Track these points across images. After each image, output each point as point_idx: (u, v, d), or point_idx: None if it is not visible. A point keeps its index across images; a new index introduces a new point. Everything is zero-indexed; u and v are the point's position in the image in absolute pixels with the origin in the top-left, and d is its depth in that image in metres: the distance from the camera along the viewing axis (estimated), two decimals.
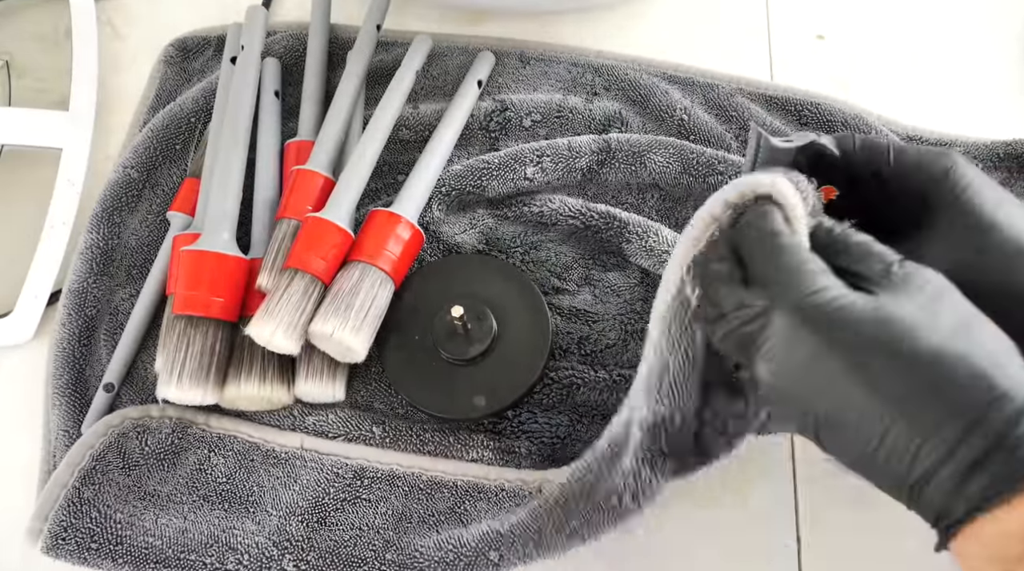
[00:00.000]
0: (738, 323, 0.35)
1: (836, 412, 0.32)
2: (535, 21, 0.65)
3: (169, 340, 0.48)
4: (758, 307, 0.34)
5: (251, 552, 0.45)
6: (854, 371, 0.31)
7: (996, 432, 0.29)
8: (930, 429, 0.30)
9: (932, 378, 0.30)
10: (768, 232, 0.35)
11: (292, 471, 0.48)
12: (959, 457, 0.30)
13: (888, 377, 0.31)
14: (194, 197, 0.55)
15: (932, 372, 0.31)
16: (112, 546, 0.46)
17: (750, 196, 0.35)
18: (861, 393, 0.31)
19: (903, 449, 0.31)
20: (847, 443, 0.32)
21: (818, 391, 0.32)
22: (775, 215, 0.35)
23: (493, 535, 0.44)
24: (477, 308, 0.49)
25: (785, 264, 0.34)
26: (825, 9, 0.64)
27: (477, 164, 0.55)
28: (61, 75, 0.62)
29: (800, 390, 0.33)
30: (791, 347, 0.33)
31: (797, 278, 0.33)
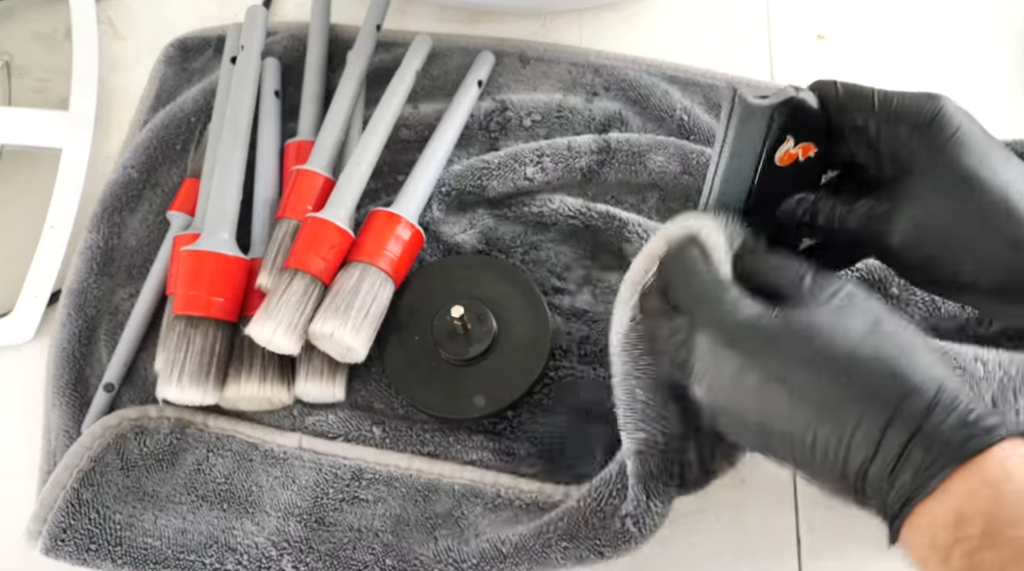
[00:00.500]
0: (672, 349, 0.37)
1: (768, 423, 0.33)
2: (535, 21, 0.64)
3: (169, 340, 0.48)
4: (682, 333, 0.36)
5: (250, 553, 0.45)
6: (774, 382, 0.33)
7: (912, 425, 0.30)
8: (853, 428, 0.31)
9: (847, 380, 0.32)
10: (686, 264, 0.37)
11: (291, 471, 0.48)
12: (884, 452, 0.30)
13: (806, 384, 0.32)
14: (194, 197, 0.55)
15: (845, 374, 0.32)
16: (111, 547, 0.45)
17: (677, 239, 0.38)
18: (784, 402, 0.32)
19: (835, 450, 0.32)
20: (785, 451, 0.33)
21: (746, 405, 0.34)
22: (691, 250, 0.37)
23: (494, 553, 0.43)
24: (477, 308, 0.49)
25: (701, 289, 0.36)
26: (825, 9, 0.64)
27: (477, 164, 0.55)
28: (61, 75, 0.62)
29: (731, 406, 0.34)
30: (715, 366, 0.34)
31: (712, 300, 0.35)
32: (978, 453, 0.29)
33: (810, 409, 0.32)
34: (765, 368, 0.33)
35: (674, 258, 0.38)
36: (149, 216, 0.57)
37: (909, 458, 0.30)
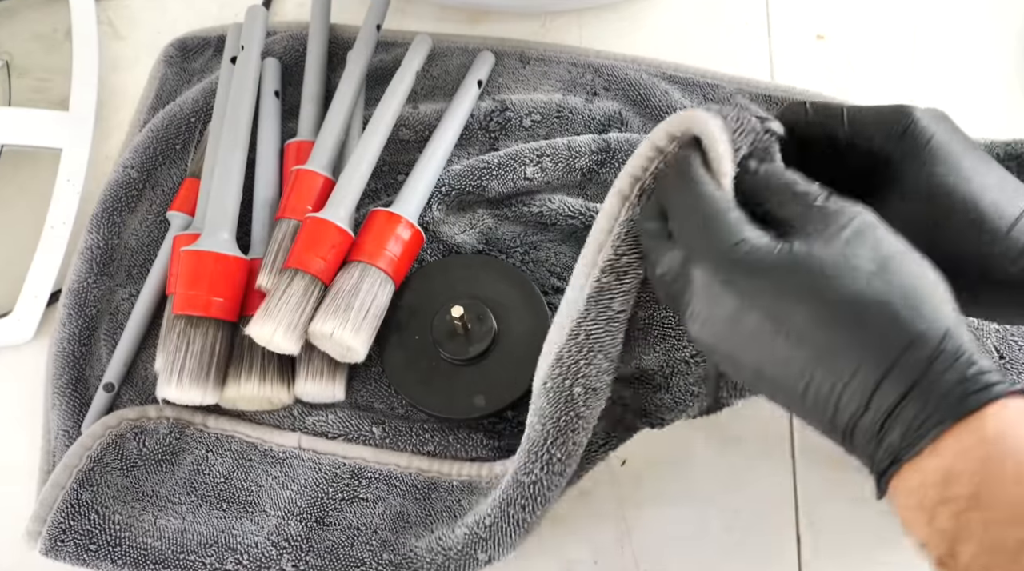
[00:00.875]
0: (666, 282, 0.34)
1: (763, 366, 0.31)
2: (535, 21, 0.65)
3: (169, 340, 0.48)
4: (678, 265, 0.33)
5: (250, 552, 0.45)
6: (772, 325, 0.31)
7: (911, 377, 0.29)
8: (848, 377, 0.29)
9: (848, 325, 0.30)
10: (685, 182, 0.34)
11: (290, 471, 0.48)
12: (876, 405, 0.29)
13: (805, 327, 0.30)
14: (194, 197, 0.55)
15: (847, 319, 0.30)
16: (111, 547, 0.45)
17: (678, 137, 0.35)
18: (781, 344, 0.31)
19: (826, 399, 0.30)
20: (778, 393, 0.32)
21: (742, 345, 0.32)
22: (694, 162, 0.34)
23: (474, 538, 0.43)
24: (477, 308, 0.49)
25: (700, 216, 0.33)
26: (825, 9, 0.64)
27: (477, 164, 0.55)
28: (61, 75, 0.62)
29: (726, 346, 0.32)
30: (711, 303, 0.32)
31: (712, 231, 0.32)
32: (975, 411, 0.28)
33: (807, 354, 0.30)
34: (764, 309, 0.31)
35: (673, 172, 0.35)
36: (149, 216, 0.57)
37: (902, 413, 0.29)
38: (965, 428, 0.28)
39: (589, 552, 0.47)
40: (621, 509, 0.48)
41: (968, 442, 0.28)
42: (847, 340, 0.30)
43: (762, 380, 0.32)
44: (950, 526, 0.28)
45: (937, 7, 0.63)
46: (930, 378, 0.28)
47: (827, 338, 0.30)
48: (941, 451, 0.28)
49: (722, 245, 0.32)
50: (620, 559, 0.47)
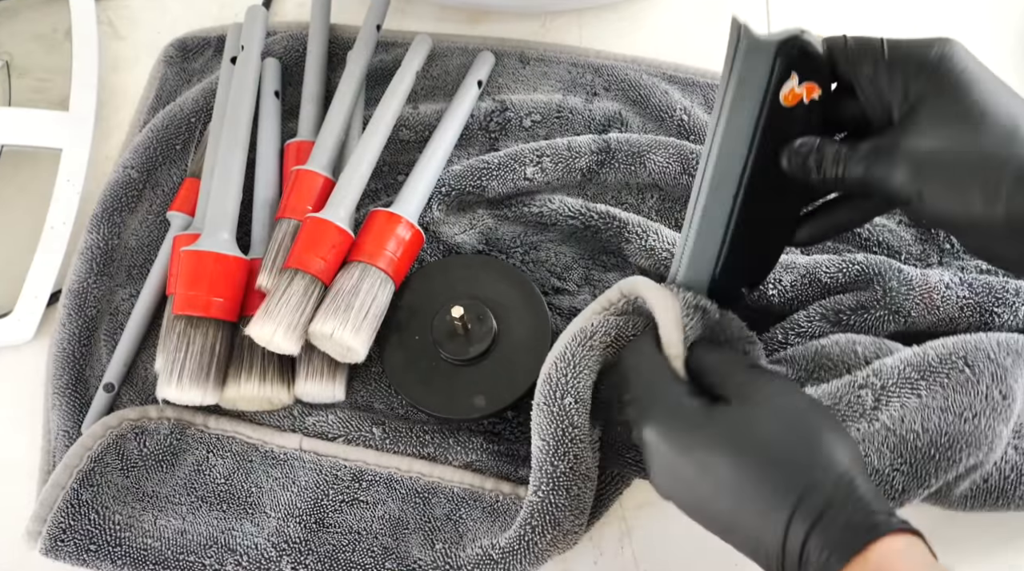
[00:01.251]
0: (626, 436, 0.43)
1: (703, 510, 0.36)
2: (535, 21, 0.64)
3: (169, 340, 0.48)
4: (634, 413, 0.39)
5: (250, 554, 0.45)
6: (704, 475, 0.35)
7: (810, 519, 0.32)
8: (762, 523, 0.33)
9: (759, 473, 0.34)
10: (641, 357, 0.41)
11: (291, 472, 0.48)
12: (790, 544, 0.33)
13: (727, 475, 0.35)
14: (194, 197, 0.55)
15: (759, 468, 0.34)
16: (111, 547, 0.45)
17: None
18: (712, 494, 0.35)
19: (754, 539, 0.34)
20: (722, 535, 0.36)
21: (685, 493, 0.37)
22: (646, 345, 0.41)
23: (486, 559, 0.44)
24: (477, 308, 0.49)
25: (646, 386, 0.39)
26: (825, 9, 0.64)
27: (477, 164, 0.55)
28: (61, 75, 0.62)
29: (672, 491, 0.37)
30: (656, 455, 0.37)
31: (655, 397, 0.38)
32: (860, 550, 0.31)
33: (732, 502, 0.35)
34: (697, 462, 0.36)
35: (630, 352, 0.42)
36: (149, 216, 0.57)
37: (810, 551, 0.32)
38: (857, 566, 0.31)
39: (589, 552, 0.47)
40: (621, 509, 0.48)
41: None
42: (759, 489, 0.34)
43: (706, 523, 0.37)
44: None
45: (937, 7, 0.63)
46: (825, 521, 0.32)
47: (745, 487, 0.34)
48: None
49: (665, 411, 0.38)
50: (620, 559, 0.47)
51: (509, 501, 0.46)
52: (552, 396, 0.42)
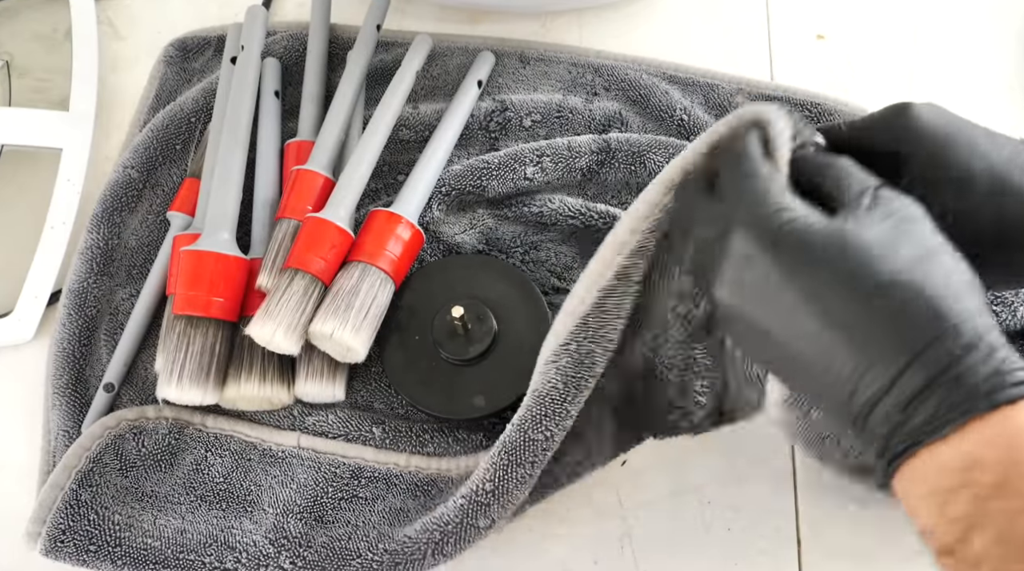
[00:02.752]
0: (703, 244, 0.35)
1: (787, 340, 0.31)
2: (535, 21, 0.64)
3: (169, 340, 0.48)
4: (719, 227, 0.33)
5: (249, 551, 0.45)
6: (807, 298, 0.31)
7: (939, 365, 0.29)
8: (875, 358, 0.29)
9: (883, 307, 0.30)
10: (738, 154, 0.34)
11: (289, 470, 0.48)
12: (900, 388, 0.29)
13: (839, 304, 0.30)
14: (194, 197, 0.55)
15: (883, 301, 0.30)
16: (111, 548, 0.45)
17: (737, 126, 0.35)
18: (812, 321, 0.30)
19: (846, 379, 0.30)
20: (794, 369, 0.32)
21: (771, 317, 0.32)
22: (749, 140, 0.35)
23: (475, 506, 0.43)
24: (477, 308, 0.49)
25: (748, 183, 0.33)
26: (825, 9, 0.64)
27: (477, 164, 0.55)
28: (61, 75, 0.62)
29: (753, 313, 0.32)
30: (747, 268, 0.32)
31: (758, 197, 0.33)
32: (1007, 404, 0.28)
33: (837, 331, 0.30)
34: (802, 281, 0.31)
35: (729, 147, 0.35)
36: (149, 216, 0.57)
37: (928, 398, 0.28)
38: (995, 418, 0.28)
39: (589, 552, 0.47)
40: (621, 509, 0.48)
41: (997, 431, 0.28)
42: (882, 321, 0.29)
43: (780, 354, 0.32)
44: (966, 512, 0.28)
45: (937, 7, 0.63)
46: (961, 368, 0.28)
47: (862, 317, 0.30)
48: (968, 437, 0.28)
49: (767, 213, 0.32)
50: (620, 559, 0.47)
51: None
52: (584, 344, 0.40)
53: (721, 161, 0.35)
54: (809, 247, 0.31)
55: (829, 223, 0.31)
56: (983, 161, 0.35)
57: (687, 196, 0.37)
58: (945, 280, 0.30)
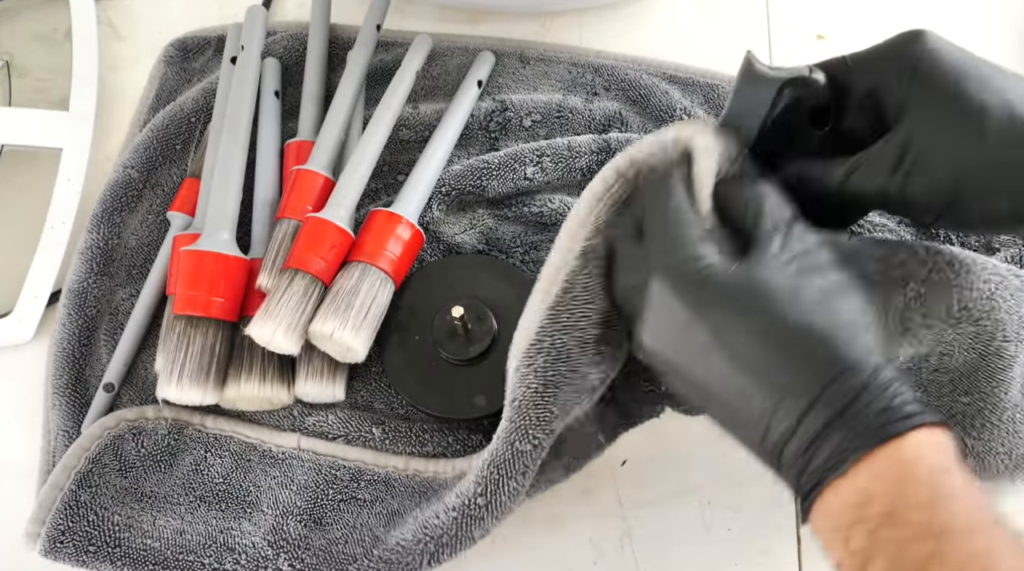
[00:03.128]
0: (624, 285, 0.36)
1: (704, 379, 0.33)
2: (535, 21, 0.64)
3: (169, 340, 0.48)
4: (643, 270, 0.34)
5: (248, 552, 0.45)
6: (717, 338, 0.32)
7: (837, 405, 0.30)
8: (782, 400, 0.31)
9: (786, 351, 0.31)
10: (660, 197, 0.35)
11: (289, 471, 0.48)
12: (803, 430, 0.30)
13: (746, 346, 0.31)
14: (194, 197, 0.55)
15: (786, 345, 0.31)
16: (110, 548, 0.45)
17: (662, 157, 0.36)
18: (724, 365, 0.32)
19: (758, 420, 0.31)
20: (716, 410, 0.33)
21: (688, 358, 0.33)
22: (673, 181, 0.35)
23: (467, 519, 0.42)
24: (477, 308, 0.49)
25: (667, 232, 0.34)
26: (825, 9, 0.64)
27: (477, 164, 0.55)
28: (61, 75, 0.62)
29: (673, 357, 0.34)
30: (664, 313, 0.33)
31: (676, 243, 0.34)
32: (894, 437, 0.29)
33: (745, 373, 0.31)
34: (711, 324, 0.32)
35: (650, 185, 0.36)
36: (149, 216, 0.57)
37: (830, 437, 0.30)
38: (884, 452, 0.29)
39: (589, 552, 0.47)
40: (621, 509, 0.48)
41: (886, 465, 0.29)
42: (784, 364, 0.31)
43: (702, 395, 0.33)
44: (863, 545, 0.29)
45: (937, 7, 0.63)
46: (856, 407, 0.30)
47: (765, 359, 0.31)
48: (861, 472, 0.29)
49: (683, 259, 0.33)
50: (620, 559, 0.47)
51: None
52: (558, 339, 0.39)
53: (645, 202, 0.36)
54: (718, 293, 0.32)
55: (738, 268, 0.33)
56: (997, 95, 0.34)
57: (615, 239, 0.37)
58: (843, 322, 0.32)
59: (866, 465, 0.29)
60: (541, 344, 0.40)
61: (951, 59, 0.35)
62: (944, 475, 0.29)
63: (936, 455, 0.29)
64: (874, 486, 0.29)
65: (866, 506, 0.29)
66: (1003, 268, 0.40)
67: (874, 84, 0.37)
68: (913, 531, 0.28)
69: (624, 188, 0.37)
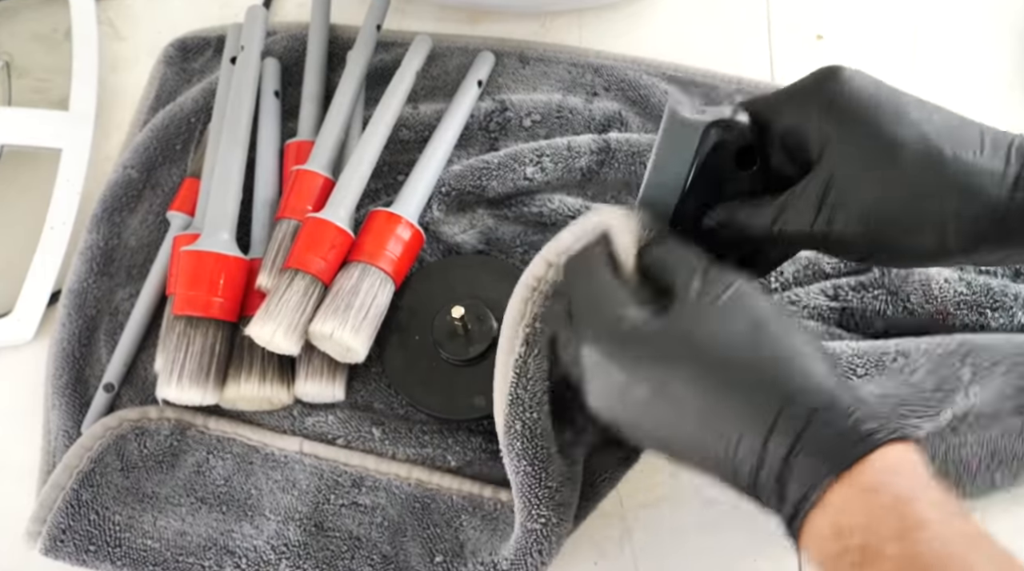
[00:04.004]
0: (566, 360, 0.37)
1: (658, 431, 0.33)
2: (535, 21, 0.64)
3: (169, 340, 0.48)
4: (575, 343, 0.35)
5: (248, 556, 0.45)
6: (657, 392, 0.32)
7: (793, 433, 0.29)
8: (736, 439, 0.30)
9: (724, 390, 0.31)
10: (583, 271, 0.36)
11: (291, 475, 0.48)
12: (769, 462, 0.30)
13: (686, 394, 0.31)
14: (194, 197, 0.55)
15: (723, 384, 0.31)
16: (110, 548, 0.45)
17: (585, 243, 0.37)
18: (669, 412, 0.32)
19: (722, 460, 0.31)
20: (680, 458, 0.33)
21: (636, 415, 0.33)
22: (590, 252, 0.36)
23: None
24: (477, 308, 0.49)
25: (589, 300, 0.35)
26: (825, 9, 0.64)
27: (477, 164, 0.55)
28: (61, 75, 0.62)
29: (623, 417, 0.34)
30: (601, 378, 0.33)
31: (599, 310, 0.34)
32: (854, 464, 0.28)
33: (694, 420, 0.31)
34: (648, 379, 0.32)
35: (572, 263, 0.37)
36: (149, 216, 0.57)
37: (793, 469, 0.29)
38: (847, 481, 0.28)
39: (589, 552, 0.47)
40: (621, 509, 0.48)
41: (849, 495, 0.28)
42: (726, 405, 0.31)
43: (663, 447, 0.33)
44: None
45: (937, 7, 0.63)
46: (811, 432, 0.29)
47: (707, 404, 0.31)
48: (829, 505, 0.29)
49: (607, 323, 0.34)
50: (620, 559, 0.47)
51: (508, 509, 0.46)
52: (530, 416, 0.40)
53: (570, 281, 0.37)
54: (646, 349, 0.32)
55: (660, 321, 0.33)
56: (913, 128, 0.34)
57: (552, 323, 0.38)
58: (776, 351, 0.31)
59: (833, 496, 0.29)
60: (513, 427, 0.40)
61: (866, 94, 0.35)
62: (910, 503, 0.28)
63: (899, 478, 0.28)
64: (844, 519, 0.28)
65: (845, 538, 0.28)
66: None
67: (795, 122, 0.37)
68: (894, 565, 0.27)
69: (555, 275, 0.38)
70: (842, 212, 0.35)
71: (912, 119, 0.35)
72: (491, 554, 0.44)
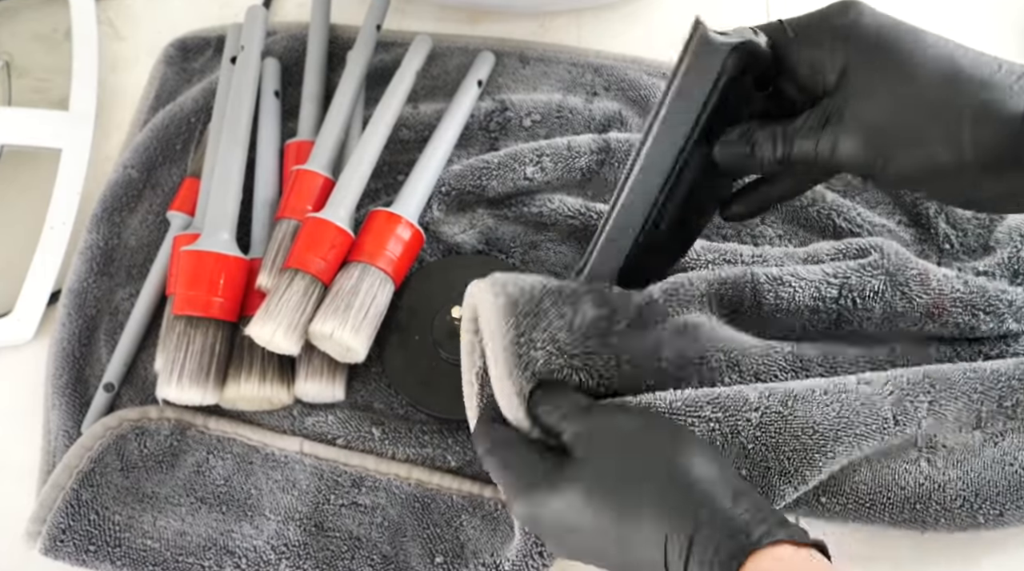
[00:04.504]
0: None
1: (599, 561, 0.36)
2: (535, 21, 0.65)
3: (169, 340, 0.48)
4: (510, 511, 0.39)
5: (248, 556, 0.45)
6: (577, 533, 0.35)
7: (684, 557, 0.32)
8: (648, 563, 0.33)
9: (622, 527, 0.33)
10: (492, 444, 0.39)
11: (291, 475, 0.48)
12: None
13: (597, 533, 0.34)
14: (194, 197, 0.55)
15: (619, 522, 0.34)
16: (110, 548, 0.45)
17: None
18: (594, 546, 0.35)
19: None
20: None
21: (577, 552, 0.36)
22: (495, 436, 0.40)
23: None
24: None
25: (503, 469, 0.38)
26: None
27: (477, 164, 0.55)
28: (61, 75, 0.62)
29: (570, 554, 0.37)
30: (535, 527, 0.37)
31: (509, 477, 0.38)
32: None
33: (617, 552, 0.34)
34: (568, 525, 0.35)
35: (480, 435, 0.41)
36: (149, 216, 0.57)
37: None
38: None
39: None
40: None
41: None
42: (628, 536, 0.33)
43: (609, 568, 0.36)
44: None
45: (937, 7, 0.63)
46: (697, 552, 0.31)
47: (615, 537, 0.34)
48: None
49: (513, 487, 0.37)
50: None
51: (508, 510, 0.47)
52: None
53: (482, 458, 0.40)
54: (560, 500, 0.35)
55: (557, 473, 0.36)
56: (931, 51, 0.35)
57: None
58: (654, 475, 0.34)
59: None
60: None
61: (884, 22, 0.36)
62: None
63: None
64: None
65: None
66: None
67: (810, 51, 0.37)
68: None
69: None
70: (854, 127, 0.35)
71: (930, 43, 0.35)
72: (492, 555, 0.45)
